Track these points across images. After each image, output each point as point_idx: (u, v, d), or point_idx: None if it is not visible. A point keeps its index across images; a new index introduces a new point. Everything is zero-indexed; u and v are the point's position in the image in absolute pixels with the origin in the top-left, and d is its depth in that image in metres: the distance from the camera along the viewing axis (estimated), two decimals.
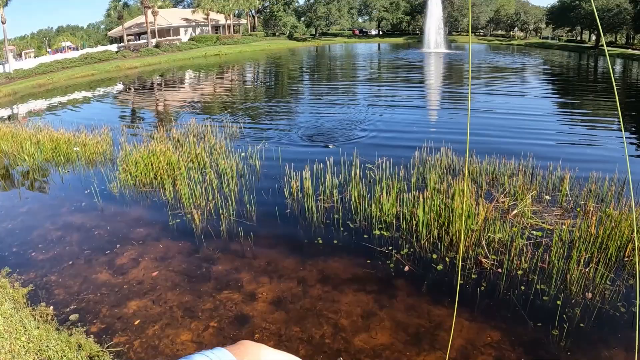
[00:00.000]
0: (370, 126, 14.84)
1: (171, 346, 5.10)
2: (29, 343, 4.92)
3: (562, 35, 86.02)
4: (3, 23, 53.68)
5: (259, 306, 5.67)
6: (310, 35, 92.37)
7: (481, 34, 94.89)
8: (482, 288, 5.85)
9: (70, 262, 7.16)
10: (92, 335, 5.29)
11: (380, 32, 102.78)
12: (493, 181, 9.16)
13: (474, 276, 6.08)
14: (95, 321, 5.62)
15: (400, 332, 5.11)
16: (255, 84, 32.94)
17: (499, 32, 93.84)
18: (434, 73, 36.01)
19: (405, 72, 35.22)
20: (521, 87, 26.26)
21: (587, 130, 15.26)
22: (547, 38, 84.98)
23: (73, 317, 5.72)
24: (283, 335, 5.14)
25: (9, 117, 25.04)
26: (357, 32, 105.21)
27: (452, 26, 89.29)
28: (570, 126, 15.82)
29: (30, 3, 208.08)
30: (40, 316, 5.63)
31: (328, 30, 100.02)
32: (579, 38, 79.80)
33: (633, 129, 16.99)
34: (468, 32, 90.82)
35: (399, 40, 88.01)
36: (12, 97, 34.64)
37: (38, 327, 5.21)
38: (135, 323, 5.54)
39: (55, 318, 5.69)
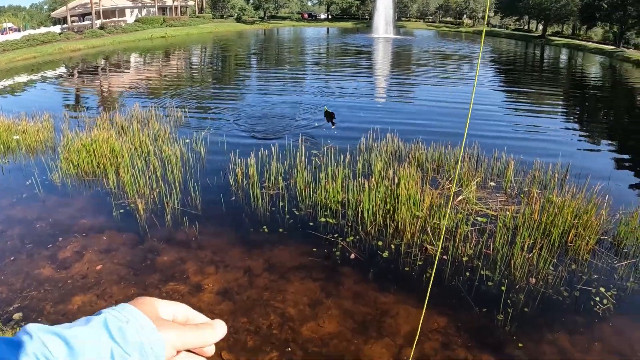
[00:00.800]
0: (317, 113, 14.75)
1: None
2: None
3: (510, 24, 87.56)
4: None
5: (205, 297, 5.61)
6: (259, 18, 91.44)
7: (430, 20, 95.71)
8: (428, 274, 5.93)
9: (12, 258, 6.91)
10: None
11: (330, 16, 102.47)
12: (439, 167, 9.28)
13: (419, 263, 6.17)
14: (39, 319, 5.45)
15: (347, 320, 5.15)
16: (202, 68, 32.45)
17: (448, 19, 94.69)
18: (382, 59, 36.18)
19: (353, 58, 35.26)
20: (469, 75, 26.62)
21: (532, 118, 15.61)
22: (495, 26, 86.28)
23: (17, 315, 5.53)
24: (230, 327, 5.09)
25: None
26: (306, 15, 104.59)
27: (401, 12, 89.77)
28: (516, 115, 16.17)
29: None
30: None
31: (277, 13, 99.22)
32: (526, 27, 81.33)
33: (577, 117, 17.55)
34: (418, 18, 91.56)
35: (348, 24, 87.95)
36: None
37: None
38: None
39: None
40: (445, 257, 6.26)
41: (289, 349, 4.75)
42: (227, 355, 4.70)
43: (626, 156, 12.40)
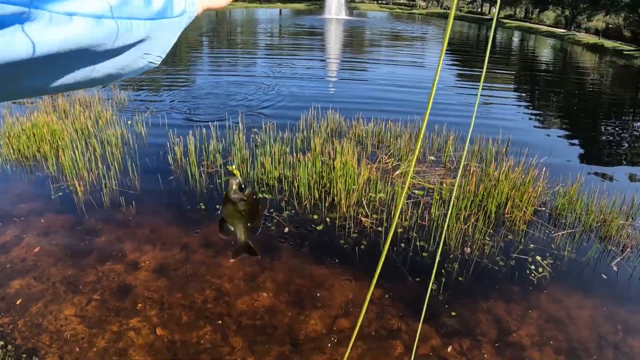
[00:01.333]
0: (262, 94, 14.73)
1: (54, 322, 5.00)
2: None
3: (463, 7, 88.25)
4: None
5: (141, 275, 5.63)
6: None
7: (384, 2, 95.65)
8: (363, 246, 6.07)
9: None
10: None
11: None
12: (379, 143, 9.42)
13: (354, 235, 6.28)
14: None
15: (282, 293, 5.23)
16: None
17: (402, 0, 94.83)
18: (333, 40, 36.17)
19: (304, 40, 35.15)
20: (420, 57, 26.83)
21: (480, 98, 15.79)
22: (448, 8, 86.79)
23: None
24: (165, 302, 5.14)
25: None
26: None
27: None
28: (464, 94, 16.36)
29: None
30: None
31: None
32: (479, 10, 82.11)
33: (525, 97, 17.94)
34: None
35: (301, 6, 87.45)
36: None
37: None
38: (18, 303, 5.37)
39: None
40: (380, 228, 6.40)
41: (222, 322, 4.82)
42: (161, 331, 4.75)
43: (570, 134, 12.76)
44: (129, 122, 11.08)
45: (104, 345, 4.65)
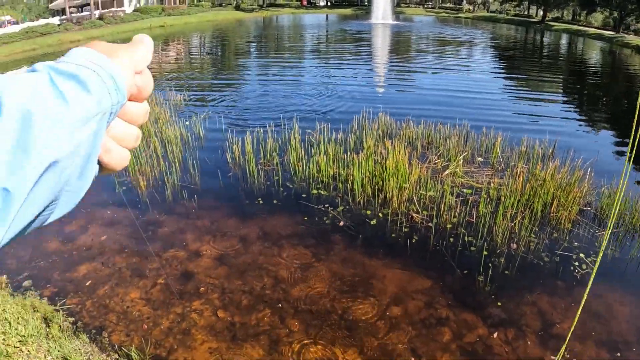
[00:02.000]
0: (313, 97, 15.02)
1: (121, 304, 5.37)
2: None
3: (510, 10, 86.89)
4: None
5: (203, 263, 5.96)
6: (258, 6, 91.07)
7: (430, 6, 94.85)
8: (414, 240, 6.27)
9: None
10: (45, 298, 5.52)
11: (329, 3, 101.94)
12: (428, 145, 9.58)
13: (405, 230, 6.49)
14: (47, 285, 5.83)
15: (336, 281, 5.48)
16: (202, 55, 32.59)
17: (448, 4, 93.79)
18: (380, 45, 36.22)
19: (351, 45, 35.21)
20: (468, 61, 26.63)
21: (529, 102, 15.68)
22: (494, 12, 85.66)
23: (26, 283, 5.91)
24: (226, 288, 5.45)
25: None
26: (305, 2, 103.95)
27: None
28: (512, 99, 16.26)
29: None
30: None
31: (275, 0, 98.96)
32: (526, 12, 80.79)
33: (573, 101, 17.72)
34: (417, 4, 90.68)
35: (348, 11, 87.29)
36: None
37: None
38: (87, 284, 5.77)
39: (9, 285, 5.86)
40: (430, 224, 6.59)
41: (280, 306, 5.09)
42: (222, 314, 5.05)
43: (617, 137, 12.63)
44: (187, 122, 11.49)
45: (168, 325, 4.98)
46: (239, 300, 5.25)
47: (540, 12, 70.60)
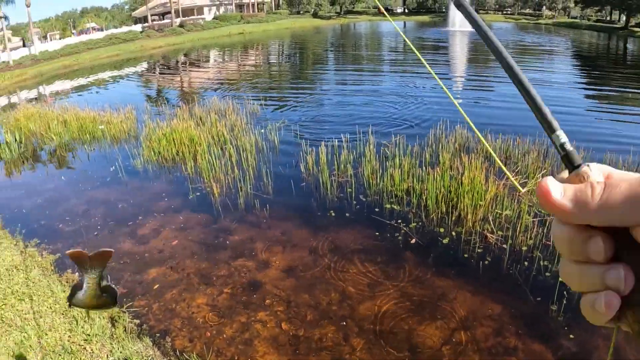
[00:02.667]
0: (389, 107, 14.84)
1: (187, 309, 5.44)
2: (55, 304, 5.31)
3: (591, 15, 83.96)
4: (28, 6, 54.82)
5: (271, 273, 5.96)
6: (335, 13, 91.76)
7: (509, 12, 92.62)
8: (486, 262, 6.02)
9: (95, 233, 7.57)
10: None
11: (406, 10, 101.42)
12: (507, 160, 9.24)
13: (479, 250, 6.25)
14: (117, 286, 5.96)
15: (404, 301, 5.33)
16: (279, 63, 33.03)
17: (527, 10, 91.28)
18: (458, 54, 35.58)
19: (429, 54, 34.49)
20: (549, 70, 25.68)
21: (611, 116, 15.00)
22: (575, 17, 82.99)
23: None
24: (292, 300, 5.42)
25: (35, 98, 25.72)
26: (382, 9, 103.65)
27: (478, 4, 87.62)
28: (594, 113, 15.57)
29: None
30: (67, 281, 6.03)
31: (353, 8, 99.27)
32: (608, 18, 77.86)
33: None
34: (496, 10, 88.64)
35: (425, 18, 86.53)
36: (39, 78, 35.46)
37: (64, 291, 5.62)
38: (155, 288, 5.89)
39: None
40: (504, 245, 6.33)
41: (345, 323, 5.01)
42: (286, 326, 5.02)
43: None
44: (263, 131, 11.63)
45: (231, 334, 5.00)
46: (304, 314, 5.20)
47: (623, 18, 67.81)
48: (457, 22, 62.89)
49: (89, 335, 4.83)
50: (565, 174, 0.52)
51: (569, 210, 0.49)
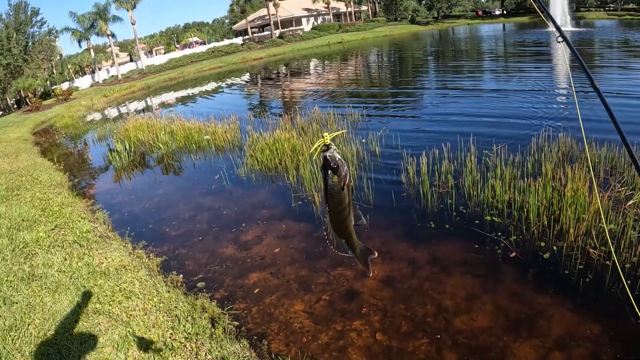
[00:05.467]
0: (491, 115, 14.41)
1: (285, 314, 5.71)
2: (160, 303, 5.73)
3: None
4: (133, 24, 58.29)
5: (369, 283, 6.11)
6: (433, 18, 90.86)
7: (611, 8, 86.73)
8: (587, 279, 5.81)
9: (200, 238, 8.05)
10: (215, 301, 6.08)
11: (504, 12, 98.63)
12: (612, 170, 8.86)
13: (580, 267, 6.04)
14: (219, 289, 6.42)
15: (500, 316, 5.28)
16: (379, 71, 33.10)
17: (631, 5, 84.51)
18: (561, 57, 34.02)
19: (530, 62, 33.10)
20: None
21: None
22: None
23: (200, 284, 6.58)
24: (388, 311, 5.54)
25: (144, 109, 27.23)
26: (480, 12, 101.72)
27: (579, 1, 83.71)
28: None
29: (157, 4, 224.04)
30: (171, 282, 6.51)
31: (450, 12, 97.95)
32: None
33: None
34: (597, 7, 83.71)
35: (525, 19, 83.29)
36: (146, 90, 37.49)
37: (169, 291, 6.06)
38: (255, 292, 6.23)
39: (184, 285, 6.56)
40: (607, 262, 6.11)
41: (439, 336, 5.05)
42: (381, 336, 5.14)
43: None
44: (364, 140, 11.81)
45: (326, 340, 5.19)
46: (399, 324, 5.30)
47: None
48: (558, 21, 59.74)
49: (189, 333, 5.16)
50: None
51: None
